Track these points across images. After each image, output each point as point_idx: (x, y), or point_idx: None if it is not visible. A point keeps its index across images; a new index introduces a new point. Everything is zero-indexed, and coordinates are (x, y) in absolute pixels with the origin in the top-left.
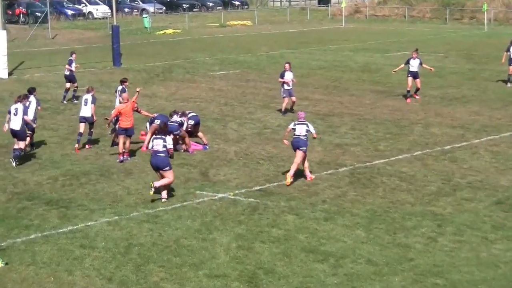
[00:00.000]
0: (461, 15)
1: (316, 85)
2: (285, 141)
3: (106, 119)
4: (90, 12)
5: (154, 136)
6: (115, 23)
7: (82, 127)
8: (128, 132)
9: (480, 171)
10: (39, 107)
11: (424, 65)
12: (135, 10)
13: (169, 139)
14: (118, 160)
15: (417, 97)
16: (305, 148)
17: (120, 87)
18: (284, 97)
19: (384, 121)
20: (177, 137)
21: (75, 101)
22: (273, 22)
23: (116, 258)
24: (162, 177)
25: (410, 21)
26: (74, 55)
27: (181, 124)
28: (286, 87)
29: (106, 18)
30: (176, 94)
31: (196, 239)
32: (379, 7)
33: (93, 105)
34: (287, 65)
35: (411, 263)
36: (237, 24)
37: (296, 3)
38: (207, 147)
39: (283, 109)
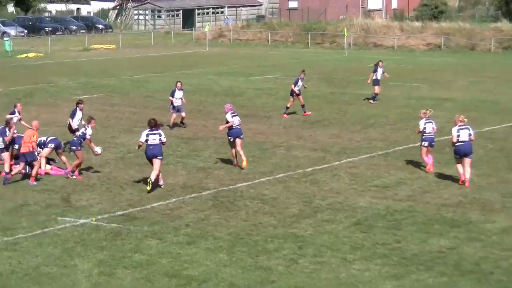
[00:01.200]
0: (322, 40)
1: None
2: (221, 128)
3: None
4: None
5: (148, 132)
6: None
7: None
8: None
9: (340, 193)
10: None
11: (304, 84)
12: None
13: (163, 133)
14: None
15: (308, 113)
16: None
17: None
18: (172, 113)
19: (247, 144)
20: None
21: None
22: (137, 46)
23: None
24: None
25: (273, 45)
26: None
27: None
28: (175, 104)
29: None
30: (38, 118)
31: (57, 266)
32: (242, 31)
33: None
34: (178, 83)
35: (273, 285)
36: (101, 47)
37: (161, 27)
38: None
39: (171, 124)
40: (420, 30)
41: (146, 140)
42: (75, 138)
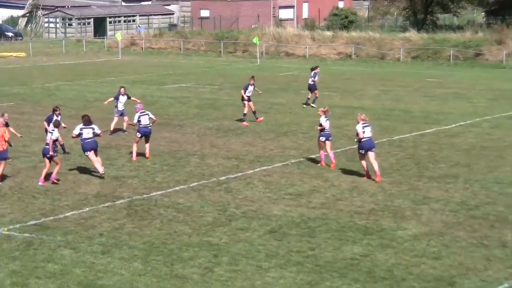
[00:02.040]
0: (234, 49)
1: (93, 117)
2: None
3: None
4: None
5: (82, 126)
6: None
7: None
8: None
9: (254, 201)
10: None
11: (256, 89)
12: None
13: (96, 126)
14: None
15: (260, 118)
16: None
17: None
18: (116, 116)
19: (161, 153)
20: None
21: None
22: (48, 54)
23: None
24: (96, 156)
25: (185, 54)
26: None
27: None
28: (119, 108)
29: None
30: None
31: None
32: (154, 40)
33: None
34: (122, 89)
35: None
36: (11, 55)
37: (72, 35)
38: None
39: (111, 128)
40: (331, 40)
41: (80, 134)
42: (47, 146)
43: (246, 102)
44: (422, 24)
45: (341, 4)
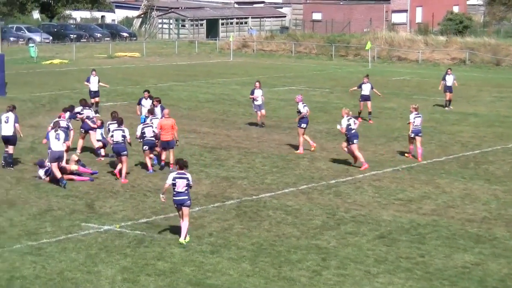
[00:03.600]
0: (346, 52)
1: (204, 118)
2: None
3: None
4: None
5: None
6: (0, 52)
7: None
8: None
9: (363, 206)
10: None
11: (374, 90)
12: (21, 39)
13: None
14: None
15: (370, 121)
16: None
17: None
18: (256, 111)
19: (271, 155)
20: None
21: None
22: (161, 54)
23: None
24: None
25: (296, 57)
26: (94, 72)
27: None
28: (256, 102)
29: None
30: None
31: (81, 271)
32: (266, 42)
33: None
34: (257, 83)
35: None
36: (125, 55)
37: (185, 36)
38: (93, 177)
39: (259, 122)
40: (445, 45)
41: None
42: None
43: (360, 101)
44: None
45: (456, 9)
